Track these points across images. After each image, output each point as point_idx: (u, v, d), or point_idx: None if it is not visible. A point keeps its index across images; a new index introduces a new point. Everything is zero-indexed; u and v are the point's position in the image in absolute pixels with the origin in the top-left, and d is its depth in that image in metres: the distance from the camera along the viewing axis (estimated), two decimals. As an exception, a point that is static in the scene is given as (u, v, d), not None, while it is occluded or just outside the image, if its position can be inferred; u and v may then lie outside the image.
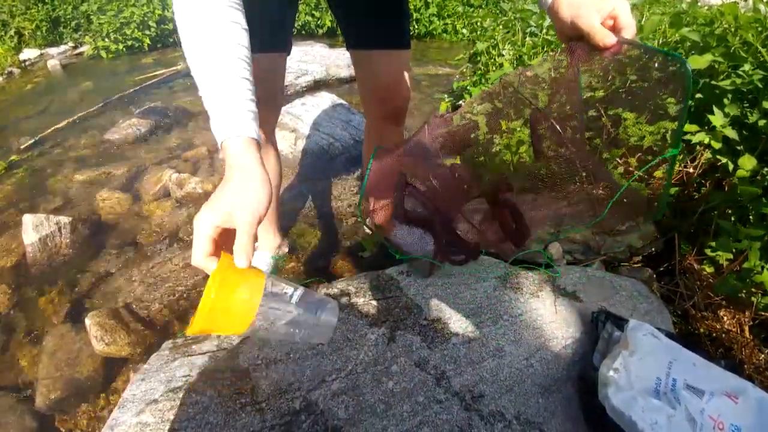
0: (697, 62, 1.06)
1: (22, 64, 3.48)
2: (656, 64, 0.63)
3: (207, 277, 0.40)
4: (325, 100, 1.95)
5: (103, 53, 3.49)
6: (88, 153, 1.96)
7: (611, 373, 0.62)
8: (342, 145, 1.75)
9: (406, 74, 0.99)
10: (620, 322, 0.74)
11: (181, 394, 0.60)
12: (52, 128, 2.18)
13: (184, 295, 1.22)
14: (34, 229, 1.38)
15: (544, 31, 1.77)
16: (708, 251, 1.08)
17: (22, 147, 2.02)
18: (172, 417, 0.57)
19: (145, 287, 1.24)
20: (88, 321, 1.10)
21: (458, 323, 0.72)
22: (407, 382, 0.53)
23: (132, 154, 1.90)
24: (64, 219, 1.43)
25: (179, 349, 0.78)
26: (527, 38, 1.84)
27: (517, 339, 0.70)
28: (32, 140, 2.07)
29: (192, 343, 0.81)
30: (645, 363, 0.65)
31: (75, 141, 2.07)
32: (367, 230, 1.26)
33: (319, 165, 1.70)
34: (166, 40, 3.78)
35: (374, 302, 0.75)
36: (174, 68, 3.03)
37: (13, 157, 1.94)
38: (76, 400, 1.01)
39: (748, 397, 0.61)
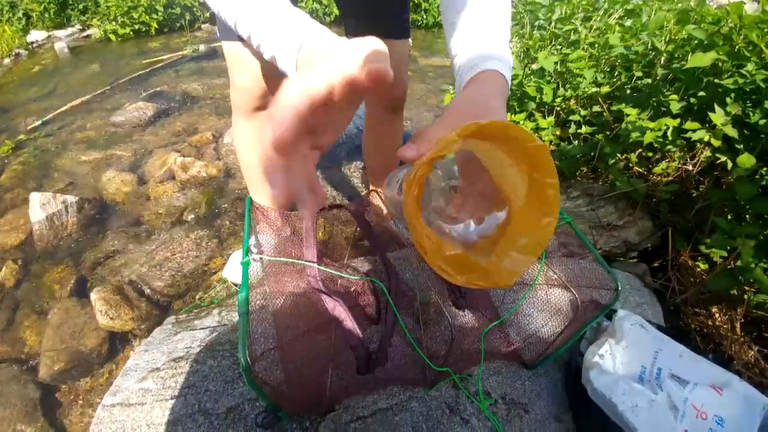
0: (701, 60, 1.06)
1: (30, 46, 3.48)
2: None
3: (208, 256, 0.41)
4: None
5: (111, 36, 3.49)
6: (95, 135, 1.98)
7: (596, 358, 0.63)
8: (345, 133, 1.77)
9: (404, 64, 1.00)
10: (609, 312, 0.76)
11: (182, 364, 0.63)
12: (59, 110, 2.20)
13: (187, 276, 1.25)
14: (41, 207, 1.41)
15: (552, 24, 1.76)
16: (703, 248, 1.09)
17: (29, 128, 2.05)
18: (173, 384, 0.60)
19: (148, 267, 1.27)
20: (93, 296, 1.13)
21: (451, 308, 0.74)
22: (400, 359, 0.55)
23: (137, 137, 1.92)
24: (71, 198, 1.46)
25: (181, 324, 0.81)
26: (535, 31, 1.84)
27: (508, 324, 0.72)
28: (39, 121, 2.09)
29: (194, 319, 0.83)
30: (631, 351, 0.65)
31: (81, 123, 2.09)
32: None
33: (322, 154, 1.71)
34: (173, 24, 3.77)
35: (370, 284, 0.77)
36: (180, 53, 3.03)
37: (20, 137, 1.97)
38: (80, 371, 1.04)
39: (733, 390, 0.61)
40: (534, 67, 1.56)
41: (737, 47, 1.05)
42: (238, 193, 1.56)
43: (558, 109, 1.53)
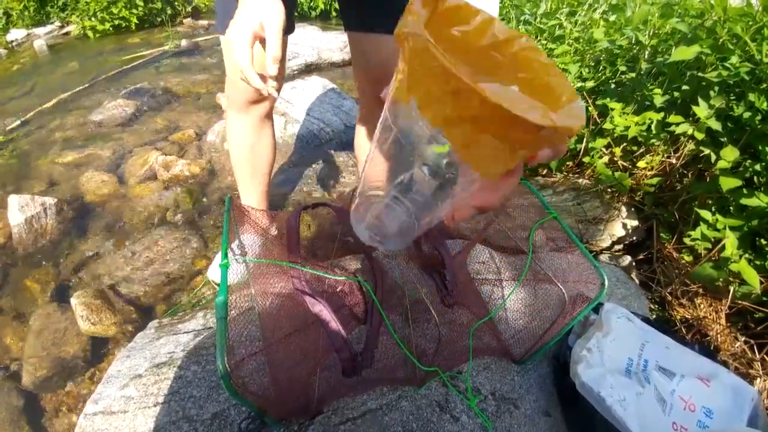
0: (684, 53, 1.06)
1: (9, 45, 3.38)
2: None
3: (192, 257, 0.39)
4: (316, 84, 1.92)
5: (89, 33, 3.39)
6: (74, 134, 1.92)
7: (584, 352, 0.64)
8: (332, 130, 1.75)
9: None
10: (597, 306, 0.76)
11: (165, 369, 0.61)
12: (38, 109, 2.14)
13: (171, 278, 1.22)
14: (19, 210, 1.37)
15: (538, 19, 1.76)
16: (687, 240, 1.11)
17: (7, 128, 1.99)
18: (156, 391, 0.58)
19: (131, 269, 1.24)
20: (74, 301, 1.10)
21: (439, 305, 0.74)
22: (388, 360, 0.54)
23: (118, 136, 1.87)
24: (50, 200, 1.41)
25: (164, 329, 0.79)
26: (520, 26, 1.84)
27: (496, 320, 0.72)
28: (18, 122, 2.03)
29: (177, 322, 0.81)
30: (618, 344, 0.65)
31: (60, 122, 2.04)
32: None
33: (309, 150, 1.69)
34: (154, 19, 3.68)
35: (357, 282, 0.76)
36: (161, 48, 2.96)
37: (0, 137, 1.91)
38: (63, 378, 1.02)
39: (720, 381, 0.61)
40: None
41: (721, 40, 1.05)
42: (223, 192, 1.53)
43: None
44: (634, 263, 1.19)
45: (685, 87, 1.15)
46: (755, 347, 0.96)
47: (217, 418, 0.54)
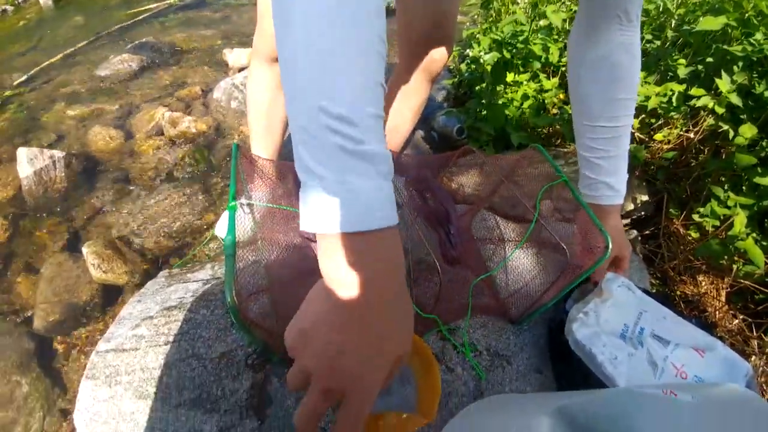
0: (711, 23, 1.03)
1: (15, 2, 3.31)
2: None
3: (199, 213, 0.40)
4: None
5: (93, -16, 3.29)
6: (80, 89, 1.91)
7: (580, 315, 0.65)
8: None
9: (455, 21, 0.90)
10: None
11: (175, 312, 0.63)
12: (44, 64, 2.12)
13: (179, 232, 1.25)
14: (28, 162, 1.38)
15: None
16: (696, 216, 1.10)
17: (14, 83, 1.98)
18: (167, 331, 0.61)
19: (139, 222, 1.26)
20: (85, 250, 1.13)
21: (442, 266, 0.75)
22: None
23: (124, 91, 1.85)
24: (58, 153, 1.42)
25: (174, 278, 0.81)
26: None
27: (496, 280, 0.73)
28: (25, 76, 2.03)
29: (186, 272, 0.83)
30: (615, 310, 0.66)
31: (66, 77, 2.02)
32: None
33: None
34: (160, -28, 3.54)
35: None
36: (167, 2, 2.87)
37: (6, 93, 1.91)
38: (74, 323, 1.06)
39: (715, 353, 0.61)
40: (542, 23, 1.49)
41: (747, 15, 1.02)
42: (229, 150, 1.53)
43: (564, 70, 1.49)
44: (639, 238, 1.19)
45: (709, 59, 1.11)
46: (753, 326, 0.97)
47: (224, 357, 0.57)
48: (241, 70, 1.90)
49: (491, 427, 0.44)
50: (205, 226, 1.27)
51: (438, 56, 0.94)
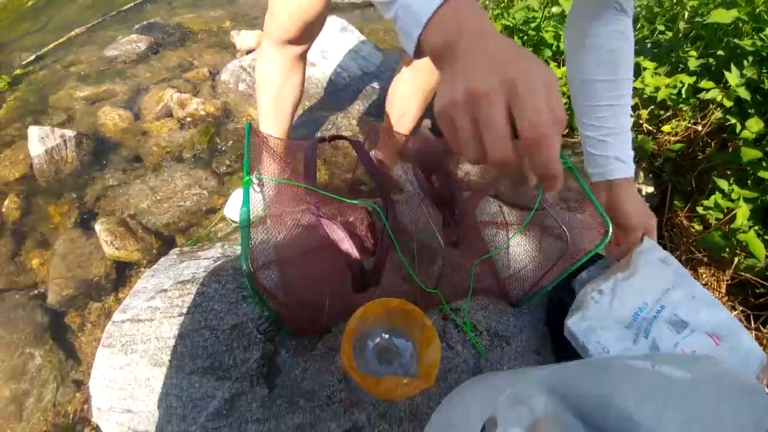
0: (722, 16, 1.03)
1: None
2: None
3: (208, 194, 0.41)
4: (333, 24, 1.81)
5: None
6: (89, 69, 1.91)
7: (593, 293, 0.60)
8: (349, 75, 1.70)
9: None
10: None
11: (188, 286, 0.66)
12: (52, 44, 2.12)
13: (188, 213, 1.27)
14: (39, 141, 1.40)
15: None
16: (700, 209, 1.11)
17: (23, 63, 1.99)
18: (180, 303, 0.63)
19: (150, 202, 1.29)
20: (98, 227, 1.16)
21: (446, 247, 0.76)
22: (392, 287, 0.58)
23: (132, 72, 1.86)
24: (69, 132, 1.44)
25: (185, 255, 0.83)
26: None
27: (498, 263, 0.75)
28: (33, 56, 2.02)
29: (197, 250, 0.86)
30: (637, 287, 0.60)
31: (75, 57, 2.02)
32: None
33: (324, 95, 1.66)
34: (166, -49, 3.49)
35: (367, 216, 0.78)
36: (174, -17, 2.84)
37: (16, 72, 1.91)
38: (87, 298, 1.09)
39: (735, 342, 0.56)
40: (554, 10, 1.48)
41: (758, 10, 1.01)
42: (238, 133, 1.54)
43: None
44: (641, 228, 1.20)
45: (720, 53, 1.11)
46: (752, 318, 0.98)
47: (236, 328, 0.60)
48: (248, 52, 1.89)
49: (485, 399, 0.46)
50: (214, 207, 1.29)
51: None
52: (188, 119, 1.57)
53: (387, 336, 0.51)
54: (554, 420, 0.46)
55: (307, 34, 0.86)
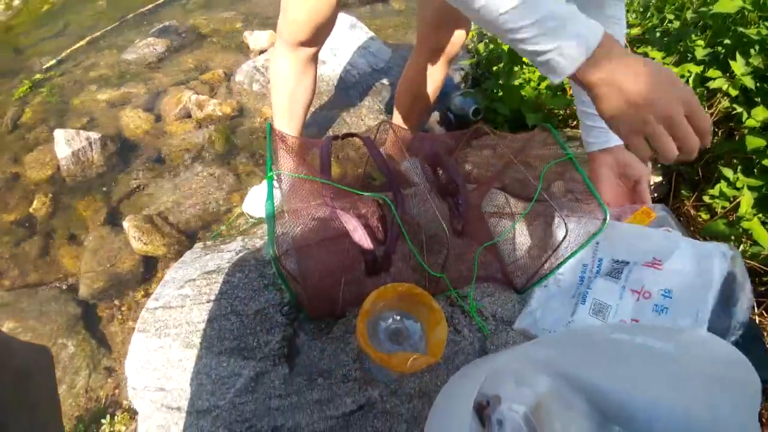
0: (726, 5, 1.03)
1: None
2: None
3: (227, 192, 0.46)
4: (342, 21, 1.83)
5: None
6: (108, 73, 1.99)
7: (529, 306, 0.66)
8: (358, 72, 1.74)
9: None
10: None
11: (214, 276, 0.72)
12: (71, 48, 2.19)
13: (209, 209, 1.34)
14: (66, 144, 1.47)
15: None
16: (706, 198, 1.12)
17: (44, 67, 2.06)
18: (208, 291, 0.69)
19: (174, 200, 1.36)
20: (126, 224, 1.23)
21: (454, 240, 0.80)
22: (401, 274, 0.63)
23: (150, 75, 1.93)
24: (94, 135, 1.51)
25: (209, 249, 0.89)
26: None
27: (502, 251, 0.78)
28: (54, 60, 2.09)
29: (220, 244, 0.92)
30: (577, 256, 0.61)
31: (94, 61, 2.09)
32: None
33: (334, 93, 1.70)
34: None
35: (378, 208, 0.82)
36: (187, -14, 2.90)
37: (37, 76, 1.99)
38: (118, 290, 1.17)
39: (677, 256, 0.56)
40: (561, 3, 1.49)
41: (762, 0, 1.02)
42: (254, 133, 1.60)
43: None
44: (648, 217, 1.21)
45: (727, 42, 1.11)
46: (755, 305, 0.99)
47: (259, 314, 0.65)
48: (261, 52, 1.94)
49: (491, 377, 0.50)
50: (232, 203, 1.35)
51: (455, 37, 0.97)
52: (206, 120, 1.63)
53: (398, 318, 0.55)
54: (558, 397, 0.50)
55: (319, 35, 0.90)
